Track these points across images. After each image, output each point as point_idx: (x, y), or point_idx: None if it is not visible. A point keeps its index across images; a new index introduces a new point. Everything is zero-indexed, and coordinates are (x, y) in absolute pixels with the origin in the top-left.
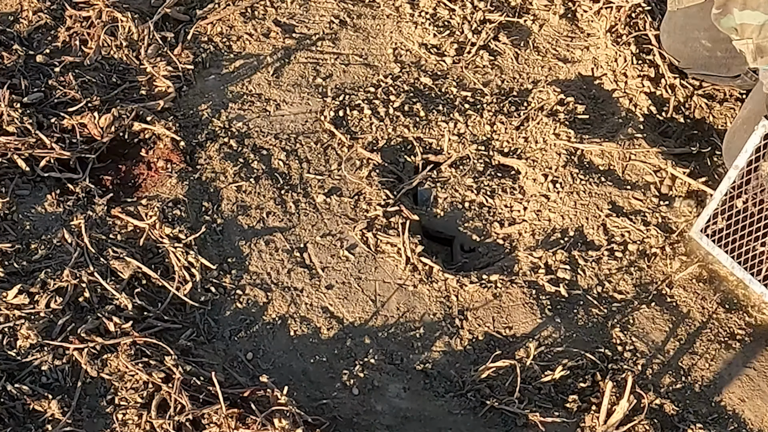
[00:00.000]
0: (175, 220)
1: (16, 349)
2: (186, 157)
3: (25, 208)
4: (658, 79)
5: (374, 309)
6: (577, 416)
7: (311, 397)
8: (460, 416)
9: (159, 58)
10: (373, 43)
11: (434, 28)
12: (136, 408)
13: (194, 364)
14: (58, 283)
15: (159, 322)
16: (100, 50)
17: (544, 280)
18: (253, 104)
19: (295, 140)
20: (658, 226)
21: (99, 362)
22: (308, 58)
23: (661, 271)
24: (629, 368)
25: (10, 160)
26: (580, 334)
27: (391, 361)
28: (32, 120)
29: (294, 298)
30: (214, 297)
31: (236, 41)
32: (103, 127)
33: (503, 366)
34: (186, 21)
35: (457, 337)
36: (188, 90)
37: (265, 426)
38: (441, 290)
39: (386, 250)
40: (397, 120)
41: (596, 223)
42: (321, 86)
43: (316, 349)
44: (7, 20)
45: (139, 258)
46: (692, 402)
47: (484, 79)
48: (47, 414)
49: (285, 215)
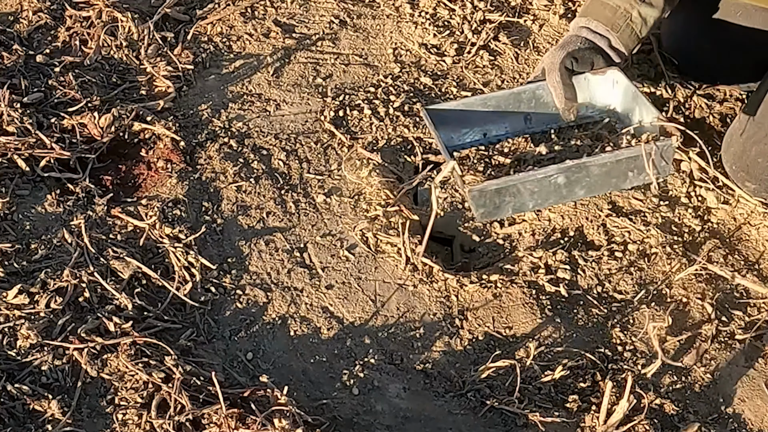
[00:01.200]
0: (175, 220)
1: (16, 349)
2: (186, 157)
3: (25, 208)
4: (658, 79)
5: (374, 309)
6: (577, 416)
7: (311, 397)
8: (460, 416)
9: (159, 58)
10: (373, 43)
11: (434, 28)
12: (136, 408)
13: (194, 364)
14: (58, 283)
15: (159, 322)
16: (100, 50)
17: (544, 280)
18: (253, 104)
19: (295, 140)
20: (658, 226)
21: (99, 362)
22: (308, 58)
23: (661, 271)
24: (629, 368)
25: (10, 160)
26: (580, 334)
27: (391, 361)
28: (32, 120)
29: (294, 298)
30: (214, 297)
31: (236, 41)
32: (103, 127)
33: (503, 366)
34: (186, 21)
35: (457, 337)
36: (188, 90)
37: (265, 426)
38: (441, 290)
39: (386, 250)
40: (397, 120)
41: (596, 223)
42: (321, 86)
43: (316, 349)
44: (7, 20)
45: (139, 258)
46: (692, 402)
47: (484, 79)
48: (47, 414)
49: (285, 215)
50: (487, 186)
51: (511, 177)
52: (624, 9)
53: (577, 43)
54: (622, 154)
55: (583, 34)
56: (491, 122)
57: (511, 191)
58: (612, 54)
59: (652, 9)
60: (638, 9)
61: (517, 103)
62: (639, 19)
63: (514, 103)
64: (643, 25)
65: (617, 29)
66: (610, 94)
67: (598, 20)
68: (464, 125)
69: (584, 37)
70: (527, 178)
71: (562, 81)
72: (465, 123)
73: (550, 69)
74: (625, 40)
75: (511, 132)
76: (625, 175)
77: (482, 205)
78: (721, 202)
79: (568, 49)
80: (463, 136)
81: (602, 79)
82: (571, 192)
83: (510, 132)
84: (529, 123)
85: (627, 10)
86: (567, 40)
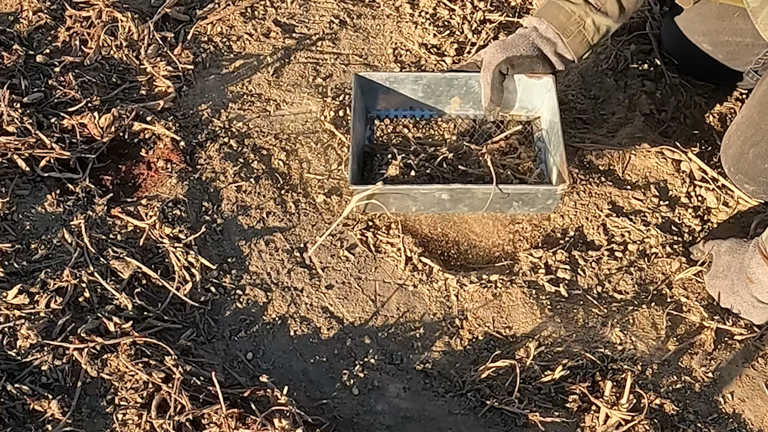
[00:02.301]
0: (175, 220)
1: (16, 349)
2: (186, 157)
3: (25, 208)
4: (658, 79)
5: (374, 309)
6: (577, 416)
7: (311, 397)
8: (460, 416)
9: (159, 58)
10: (373, 43)
11: (434, 28)
12: (136, 408)
13: (194, 364)
14: (58, 283)
15: (159, 322)
16: (100, 50)
17: (544, 280)
18: (253, 104)
19: (295, 140)
20: (658, 226)
21: (99, 362)
22: (308, 58)
23: (661, 271)
24: (629, 368)
25: (10, 160)
26: (580, 334)
27: (391, 361)
28: (32, 120)
29: (294, 298)
30: (214, 297)
31: (236, 41)
32: (103, 127)
33: (503, 366)
34: (186, 21)
35: (457, 337)
36: (188, 90)
37: (265, 426)
38: (441, 290)
39: (386, 250)
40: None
41: (596, 223)
42: (321, 86)
43: (316, 349)
44: (7, 20)
45: (139, 258)
46: (692, 402)
47: None
48: (47, 414)
49: (285, 215)
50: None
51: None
52: (578, 16)
53: (520, 48)
54: (508, 188)
55: (532, 37)
56: (420, 99)
57: (397, 196)
58: (555, 60)
59: (606, 18)
60: (593, 17)
61: (448, 87)
62: (592, 27)
63: (445, 86)
64: (595, 33)
65: (568, 35)
66: (540, 99)
67: (550, 23)
68: (394, 97)
69: (531, 41)
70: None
71: (492, 84)
72: (395, 96)
73: (485, 67)
74: (575, 47)
75: (436, 112)
76: (510, 204)
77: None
78: (721, 203)
79: (508, 53)
80: (391, 108)
81: (537, 84)
82: (455, 207)
83: (435, 112)
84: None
85: (581, 17)
86: (512, 41)
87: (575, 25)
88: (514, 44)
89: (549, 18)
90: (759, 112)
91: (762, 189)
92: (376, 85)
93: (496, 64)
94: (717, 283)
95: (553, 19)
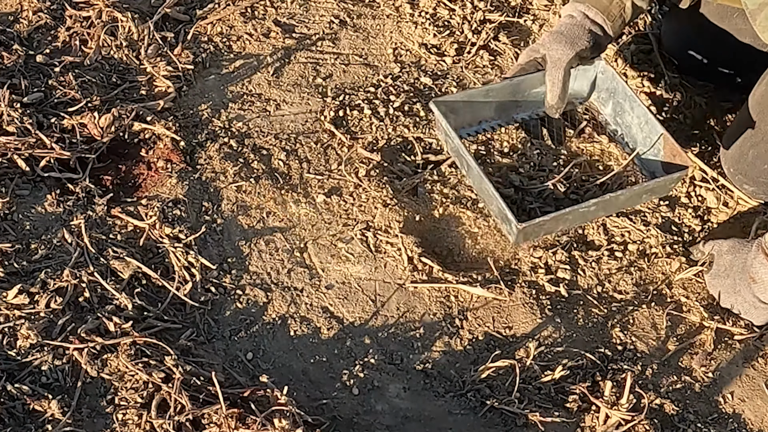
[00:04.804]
0: (175, 220)
1: (16, 349)
2: (186, 157)
3: (25, 208)
4: (658, 79)
5: (374, 309)
6: (577, 416)
7: (311, 397)
8: (460, 416)
9: (159, 58)
10: (373, 43)
11: (434, 28)
12: (136, 408)
13: (194, 364)
14: (58, 283)
15: (159, 322)
16: (100, 50)
17: (544, 280)
18: (253, 104)
19: (295, 140)
20: (658, 226)
21: (99, 362)
22: (308, 58)
23: (661, 271)
24: (629, 368)
25: (10, 160)
26: (580, 334)
27: (391, 361)
28: (32, 120)
29: (294, 298)
30: (214, 297)
31: (236, 41)
32: (103, 127)
33: (503, 366)
34: (186, 21)
35: (457, 337)
36: (188, 90)
37: (265, 426)
38: (441, 290)
39: (386, 250)
40: (397, 120)
41: (596, 223)
42: (321, 86)
43: (316, 349)
44: (7, 20)
45: (139, 258)
46: (692, 402)
47: (484, 79)
48: (47, 414)
49: (285, 215)
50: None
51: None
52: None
53: (583, 40)
54: (650, 184)
55: (587, 25)
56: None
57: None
58: (605, 45)
59: (642, 1)
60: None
61: (513, 93)
62: (630, 10)
63: (512, 93)
64: (632, 15)
65: (612, 18)
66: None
67: (596, 7)
68: (469, 116)
69: (587, 30)
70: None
71: (563, 81)
72: (470, 114)
73: (554, 64)
74: (616, 30)
75: (504, 121)
76: (640, 197)
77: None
78: (721, 203)
79: (576, 48)
80: (468, 127)
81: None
82: (594, 215)
83: (503, 121)
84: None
85: (622, 0)
86: (572, 33)
87: (617, 8)
88: (575, 36)
89: (593, 3)
90: (758, 113)
91: (762, 189)
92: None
93: (566, 61)
94: (718, 282)
95: (597, 4)
